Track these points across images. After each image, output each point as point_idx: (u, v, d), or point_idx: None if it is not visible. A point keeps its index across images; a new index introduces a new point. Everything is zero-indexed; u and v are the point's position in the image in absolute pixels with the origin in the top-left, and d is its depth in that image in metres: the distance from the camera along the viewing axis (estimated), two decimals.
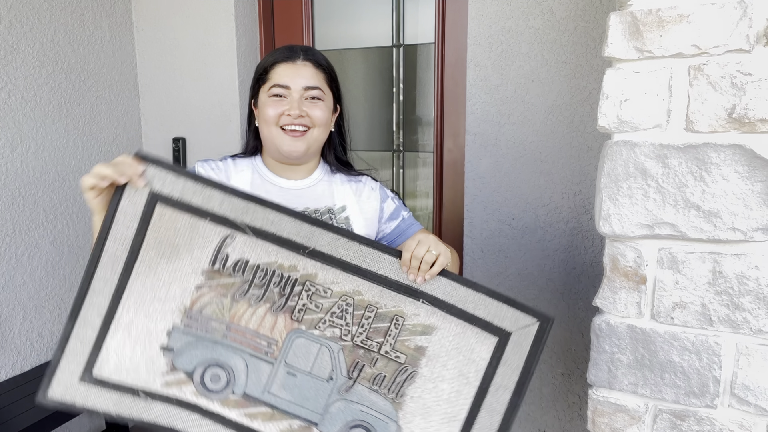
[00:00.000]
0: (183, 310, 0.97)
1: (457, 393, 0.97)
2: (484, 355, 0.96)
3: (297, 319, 0.98)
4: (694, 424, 1.04)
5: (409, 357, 0.98)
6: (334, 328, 0.98)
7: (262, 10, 2.17)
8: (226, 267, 0.96)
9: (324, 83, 1.16)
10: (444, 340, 0.97)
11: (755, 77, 0.90)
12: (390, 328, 0.97)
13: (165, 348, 0.97)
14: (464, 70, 1.86)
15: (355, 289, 0.97)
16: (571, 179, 1.75)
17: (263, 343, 0.97)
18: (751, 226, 0.94)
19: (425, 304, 0.96)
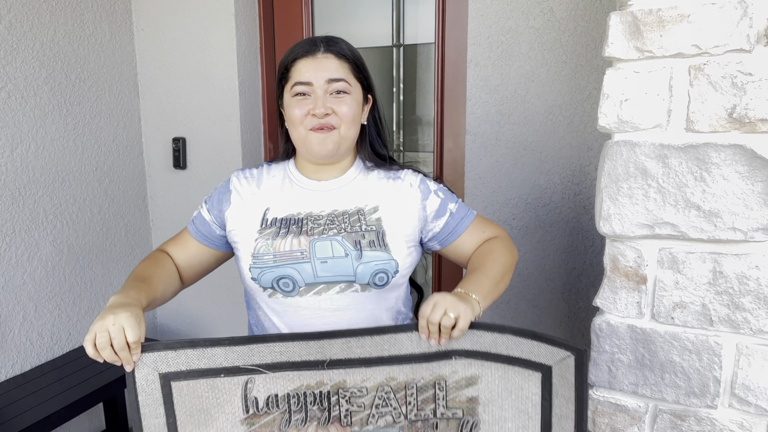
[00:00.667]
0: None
1: (523, 428, 0.97)
2: (534, 390, 0.95)
3: (347, 423, 0.98)
4: (695, 424, 1.03)
5: (466, 409, 0.98)
6: (384, 416, 0.98)
7: (262, 9, 2.17)
8: (260, 408, 0.97)
9: (350, 74, 1.09)
10: (491, 385, 0.97)
11: (756, 77, 0.90)
12: (435, 393, 0.98)
13: None
14: (464, 70, 1.86)
15: (388, 377, 0.97)
16: (571, 179, 1.75)
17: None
18: (751, 226, 0.94)
19: (459, 359, 0.96)
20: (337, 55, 1.08)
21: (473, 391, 0.97)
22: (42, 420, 1.60)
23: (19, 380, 1.83)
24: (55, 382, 1.82)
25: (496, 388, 0.97)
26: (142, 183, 2.33)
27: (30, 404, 1.68)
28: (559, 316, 1.81)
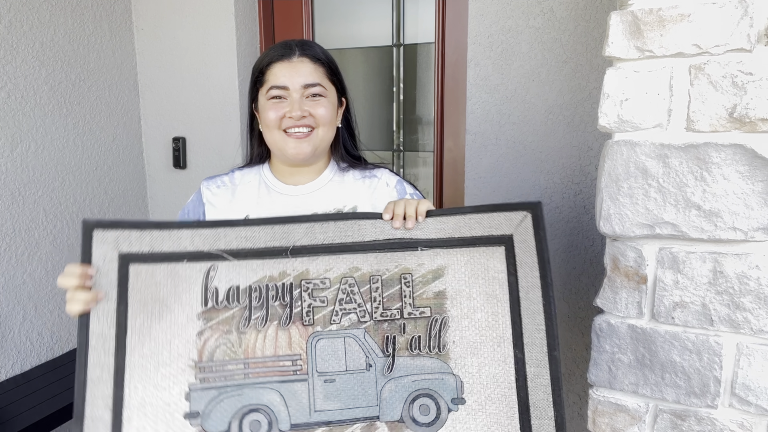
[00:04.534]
0: (193, 365, 0.90)
1: (494, 315, 0.94)
2: (500, 267, 0.95)
3: (308, 322, 0.92)
4: (695, 424, 1.03)
5: (433, 307, 0.95)
6: (349, 314, 0.93)
7: (262, 9, 2.16)
8: (219, 301, 0.91)
9: (324, 78, 1.10)
10: (458, 274, 0.95)
11: (756, 77, 0.90)
12: (402, 289, 0.94)
13: (189, 415, 0.88)
14: (464, 69, 1.86)
15: (352, 267, 0.94)
16: (571, 179, 1.75)
17: (288, 364, 0.91)
18: (751, 226, 0.94)
19: (424, 249, 0.94)
20: (312, 59, 1.09)
21: (440, 285, 0.95)
22: (42, 420, 1.60)
23: (19, 380, 1.83)
24: (55, 382, 1.82)
25: (463, 276, 0.95)
26: (142, 183, 2.33)
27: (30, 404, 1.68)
28: (559, 316, 1.81)
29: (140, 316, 0.89)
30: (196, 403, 0.88)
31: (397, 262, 0.94)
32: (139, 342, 0.89)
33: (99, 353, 0.87)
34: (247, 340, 0.91)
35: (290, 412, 0.90)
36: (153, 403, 0.88)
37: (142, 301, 0.89)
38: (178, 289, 0.90)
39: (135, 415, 0.88)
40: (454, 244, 0.95)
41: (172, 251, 0.90)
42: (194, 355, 0.90)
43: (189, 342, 0.90)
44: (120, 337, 0.88)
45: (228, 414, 0.89)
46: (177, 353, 0.90)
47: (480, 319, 0.95)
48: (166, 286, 0.90)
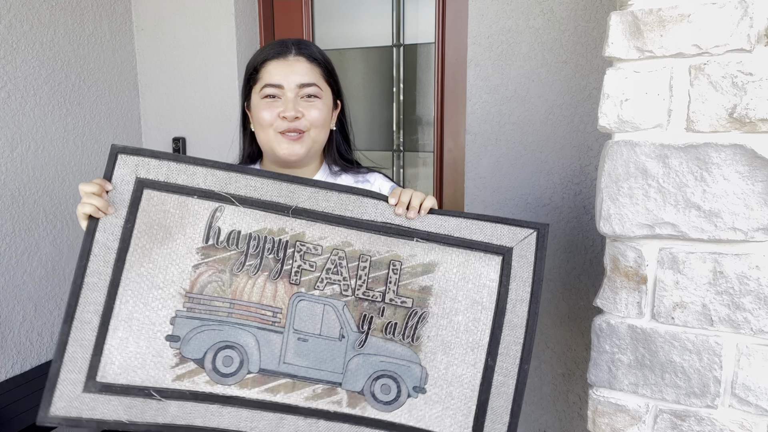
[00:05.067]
0: (183, 293, 0.94)
1: (475, 321, 0.97)
2: (493, 276, 0.96)
3: (295, 282, 0.96)
4: (695, 425, 1.03)
5: (416, 300, 0.97)
6: (333, 284, 0.96)
7: (262, 9, 2.16)
8: (219, 241, 0.95)
9: (320, 78, 1.08)
10: (449, 274, 0.96)
11: (756, 77, 0.90)
12: (388, 274, 0.96)
13: (171, 337, 0.94)
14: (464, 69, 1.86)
15: (344, 241, 0.96)
16: (571, 179, 1.75)
17: (269, 314, 0.96)
18: (751, 226, 0.94)
19: (420, 242, 0.96)
20: (309, 59, 1.07)
21: (428, 280, 0.97)
22: None
23: (19, 380, 1.83)
24: None
25: (453, 277, 0.97)
26: None
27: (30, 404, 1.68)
28: (559, 316, 1.81)
29: (144, 238, 0.93)
30: (179, 328, 0.94)
31: (390, 248, 0.96)
32: (138, 261, 0.93)
33: (99, 262, 0.92)
34: (237, 283, 0.95)
35: (261, 357, 0.95)
36: (140, 319, 0.93)
37: (148, 224, 0.94)
38: (184, 221, 0.95)
39: (121, 327, 0.92)
40: (451, 243, 0.96)
41: (185, 185, 0.94)
42: (186, 285, 0.94)
43: (184, 272, 0.95)
44: (122, 251, 0.92)
45: (206, 344, 0.94)
46: (171, 279, 0.94)
47: (459, 321, 0.97)
48: (174, 216, 0.94)
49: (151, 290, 0.94)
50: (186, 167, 0.94)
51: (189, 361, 0.94)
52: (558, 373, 1.85)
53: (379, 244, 0.96)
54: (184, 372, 0.94)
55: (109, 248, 0.92)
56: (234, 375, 0.95)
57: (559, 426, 1.88)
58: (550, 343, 1.83)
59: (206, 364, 0.94)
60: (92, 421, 0.90)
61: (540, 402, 1.89)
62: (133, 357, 0.93)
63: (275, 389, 0.96)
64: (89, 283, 0.92)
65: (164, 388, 0.93)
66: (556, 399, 1.87)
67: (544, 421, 1.90)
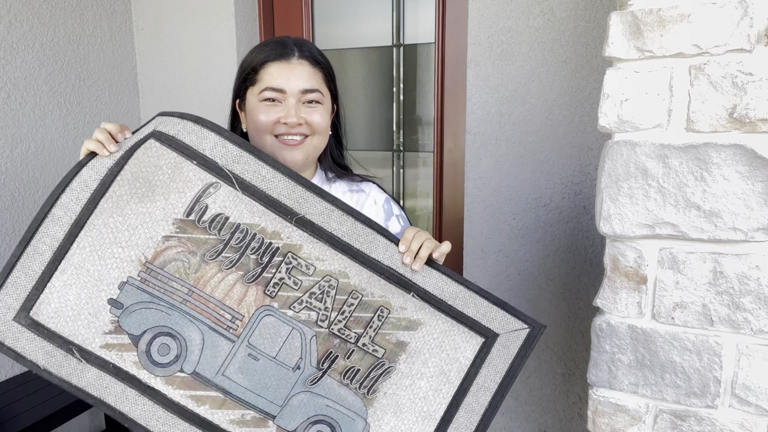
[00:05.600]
0: (143, 261, 0.86)
1: (435, 391, 0.93)
2: (468, 354, 0.93)
3: (270, 294, 0.88)
4: (695, 425, 1.03)
5: (388, 352, 0.91)
6: (311, 311, 0.89)
7: (262, 9, 2.17)
8: (202, 220, 0.86)
9: (322, 83, 1.04)
10: (428, 337, 0.92)
11: (756, 77, 0.90)
12: (373, 319, 0.90)
13: (113, 302, 0.85)
14: (464, 69, 1.86)
15: (342, 271, 0.89)
16: (571, 179, 1.75)
17: (227, 316, 0.87)
18: (751, 226, 0.94)
19: (414, 297, 0.91)
20: (312, 62, 1.03)
21: (407, 336, 0.92)
22: (42, 420, 1.60)
23: (19, 380, 1.83)
24: None
25: (432, 341, 0.92)
26: None
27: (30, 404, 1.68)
28: (559, 316, 1.81)
29: (125, 187, 0.85)
30: (125, 296, 0.86)
31: (384, 294, 0.91)
32: (110, 210, 0.85)
33: (71, 198, 0.85)
34: (205, 272, 0.87)
35: (201, 359, 0.87)
36: (89, 270, 0.85)
37: (135, 174, 0.85)
38: (171, 185, 0.86)
39: (69, 271, 0.85)
40: (442, 309, 0.92)
41: (189, 145, 0.86)
42: (149, 254, 0.86)
43: (152, 239, 0.86)
44: (97, 194, 0.85)
45: (147, 323, 0.86)
46: (135, 242, 0.86)
47: (421, 387, 0.92)
48: (164, 175, 0.86)
49: (112, 246, 0.85)
50: (200, 129, 0.86)
51: (124, 334, 0.86)
52: (558, 373, 1.85)
53: (376, 286, 0.90)
54: (115, 343, 0.86)
55: (87, 186, 0.85)
56: (165, 366, 0.86)
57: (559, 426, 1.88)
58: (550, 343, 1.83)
59: (141, 344, 0.86)
60: (11, 351, 0.85)
61: (540, 402, 1.89)
62: (70, 306, 0.85)
63: (202, 399, 0.87)
64: (55, 215, 0.85)
65: (89, 350, 0.85)
66: (556, 399, 1.87)
67: (544, 421, 1.90)
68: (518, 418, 1.90)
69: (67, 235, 0.85)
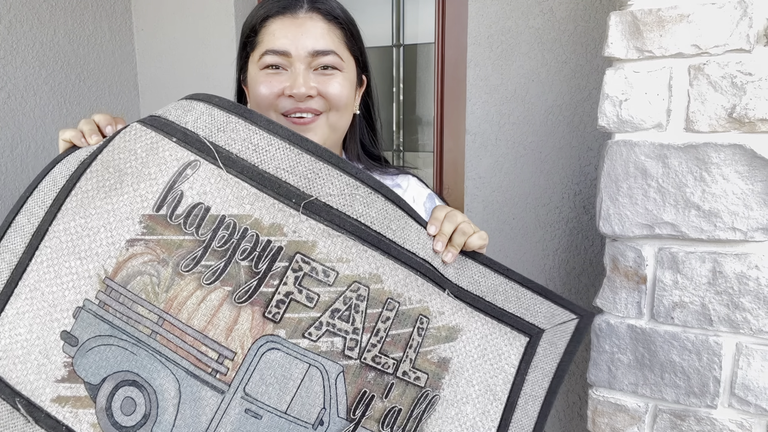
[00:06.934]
0: (102, 277, 0.63)
1: (483, 414, 0.72)
2: (513, 360, 0.74)
3: (273, 317, 0.62)
4: (694, 424, 1.03)
5: (431, 376, 0.68)
6: (335, 336, 0.63)
7: None
8: (175, 214, 0.63)
9: (341, 45, 0.81)
10: (469, 346, 0.72)
11: (755, 77, 0.90)
12: (412, 335, 0.67)
13: (67, 336, 0.63)
14: (464, 69, 1.86)
15: (374, 273, 0.64)
16: (571, 179, 1.75)
17: (211, 355, 0.61)
18: (751, 226, 0.94)
19: (450, 296, 0.70)
20: (326, 17, 0.80)
21: (448, 351, 0.70)
22: None
23: None
24: None
25: (473, 351, 0.72)
26: None
27: None
28: None
29: (92, 181, 0.66)
30: (81, 326, 0.63)
31: (423, 297, 0.68)
32: (73, 211, 0.65)
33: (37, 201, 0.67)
34: (178, 289, 0.62)
35: (177, 420, 0.60)
36: (44, 293, 0.64)
37: (106, 164, 0.66)
38: (143, 171, 0.65)
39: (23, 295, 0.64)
40: (479, 307, 0.73)
41: (173, 121, 0.67)
42: (109, 266, 0.63)
43: (114, 245, 0.64)
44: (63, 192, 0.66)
45: (107, 367, 0.62)
46: (95, 250, 0.64)
47: (468, 414, 0.71)
48: (137, 160, 0.65)
49: (69, 258, 0.64)
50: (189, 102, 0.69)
51: (80, 383, 0.62)
52: None
53: (413, 288, 0.67)
54: (68, 395, 0.62)
55: (55, 184, 0.66)
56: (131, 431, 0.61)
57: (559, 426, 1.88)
58: None
59: (100, 397, 0.62)
60: None
61: None
62: (20, 343, 0.63)
63: None
64: (18, 224, 0.66)
65: (38, 405, 0.62)
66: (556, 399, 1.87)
67: None
68: None
69: (27, 248, 0.64)
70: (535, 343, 0.74)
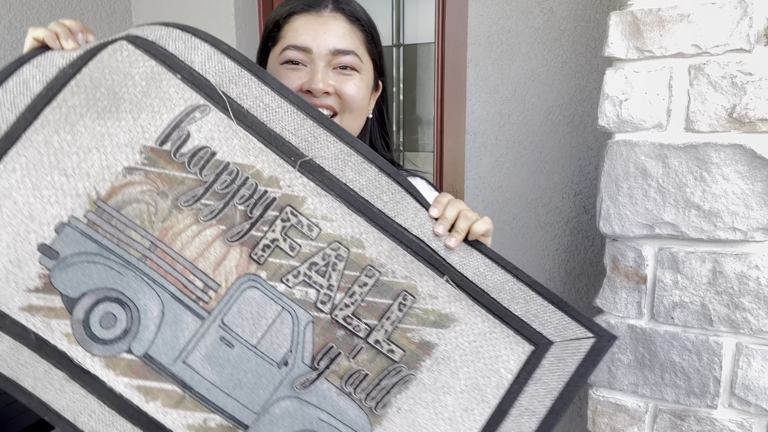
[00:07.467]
0: (93, 198, 0.64)
1: (465, 412, 0.71)
2: (512, 366, 0.71)
3: (257, 259, 0.67)
4: (694, 424, 1.03)
5: (408, 354, 0.69)
6: (310, 287, 0.67)
7: (262, 10, 2.16)
8: (180, 152, 0.65)
9: (361, 47, 0.84)
10: (462, 339, 0.71)
11: (755, 77, 0.90)
12: (391, 307, 0.68)
13: (46, 249, 0.63)
14: (464, 69, 1.86)
15: (356, 237, 0.67)
16: (571, 179, 1.75)
17: (197, 284, 0.66)
18: (751, 226, 0.94)
19: (449, 284, 0.69)
20: (349, 18, 0.83)
21: (435, 336, 0.70)
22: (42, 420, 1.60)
23: None
24: None
25: (466, 345, 0.71)
26: None
27: None
28: None
29: (80, 96, 0.64)
30: (63, 242, 0.63)
31: (410, 274, 0.69)
32: (56, 124, 0.64)
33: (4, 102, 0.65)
34: (175, 221, 0.65)
35: (157, 338, 0.65)
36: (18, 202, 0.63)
37: (96, 81, 0.64)
38: (144, 101, 0.65)
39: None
40: (483, 302, 0.70)
41: (175, 54, 0.66)
42: (103, 189, 0.64)
43: (109, 169, 0.64)
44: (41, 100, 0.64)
45: (89, 283, 0.64)
46: (86, 171, 0.64)
47: (447, 405, 0.71)
48: (135, 87, 0.65)
49: (52, 172, 0.63)
50: (190, 37, 0.67)
51: (55, 294, 0.63)
52: None
53: (400, 263, 0.68)
54: (41, 305, 0.64)
55: (27, 89, 0.64)
56: (107, 344, 0.65)
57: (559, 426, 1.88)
58: None
59: (77, 310, 0.64)
60: None
61: None
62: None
63: (152, 393, 0.65)
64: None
65: (3, 312, 0.63)
66: None
67: None
68: None
69: None
70: (541, 354, 0.71)
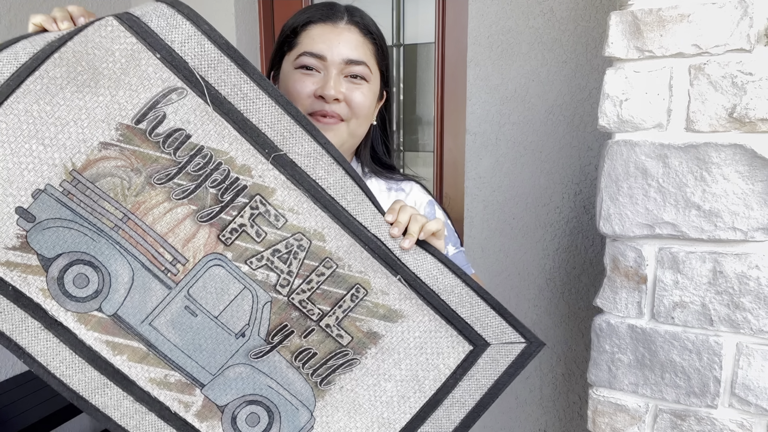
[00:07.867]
0: (69, 169, 0.68)
1: (402, 398, 0.79)
2: (451, 363, 0.79)
3: (225, 240, 0.72)
4: (695, 424, 1.03)
5: (355, 341, 0.77)
6: (271, 271, 0.73)
7: (262, 10, 2.17)
8: (155, 132, 0.68)
9: (372, 58, 0.89)
10: (408, 334, 0.78)
11: (756, 77, 0.90)
12: (344, 297, 0.75)
13: (23, 212, 0.68)
14: (464, 69, 1.86)
15: (318, 231, 0.73)
16: (571, 179, 1.75)
17: (166, 256, 0.71)
18: (751, 226, 0.94)
19: (401, 283, 0.76)
20: (362, 31, 0.88)
21: (382, 328, 0.77)
22: (42, 420, 1.60)
23: (20, 380, 1.83)
24: None
25: (411, 340, 0.78)
26: None
27: (30, 404, 1.68)
28: (559, 315, 1.81)
29: (62, 69, 0.66)
30: (39, 207, 0.68)
31: (365, 269, 0.75)
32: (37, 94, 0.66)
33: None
34: (148, 197, 0.70)
35: (126, 301, 0.71)
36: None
37: (78, 55, 0.66)
38: (123, 78, 0.67)
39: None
40: (433, 303, 0.77)
41: (155, 32, 0.67)
42: (78, 161, 0.68)
43: (85, 142, 0.68)
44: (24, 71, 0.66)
45: (63, 245, 0.69)
46: (63, 142, 0.67)
47: (386, 390, 0.79)
48: (115, 64, 0.67)
49: (30, 140, 0.66)
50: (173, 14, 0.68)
51: (32, 253, 0.69)
52: (558, 373, 1.85)
53: (357, 258, 0.75)
54: (19, 262, 0.69)
55: (16, 58, 0.66)
56: (80, 301, 0.71)
57: (559, 426, 1.88)
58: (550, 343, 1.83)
59: (52, 269, 0.69)
60: None
61: (540, 402, 1.89)
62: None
63: (119, 348, 0.72)
64: None
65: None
66: (556, 399, 1.87)
67: (544, 421, 1.90)
68: (518, 417, 1.90)
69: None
70: (478, 354, 0.80)
